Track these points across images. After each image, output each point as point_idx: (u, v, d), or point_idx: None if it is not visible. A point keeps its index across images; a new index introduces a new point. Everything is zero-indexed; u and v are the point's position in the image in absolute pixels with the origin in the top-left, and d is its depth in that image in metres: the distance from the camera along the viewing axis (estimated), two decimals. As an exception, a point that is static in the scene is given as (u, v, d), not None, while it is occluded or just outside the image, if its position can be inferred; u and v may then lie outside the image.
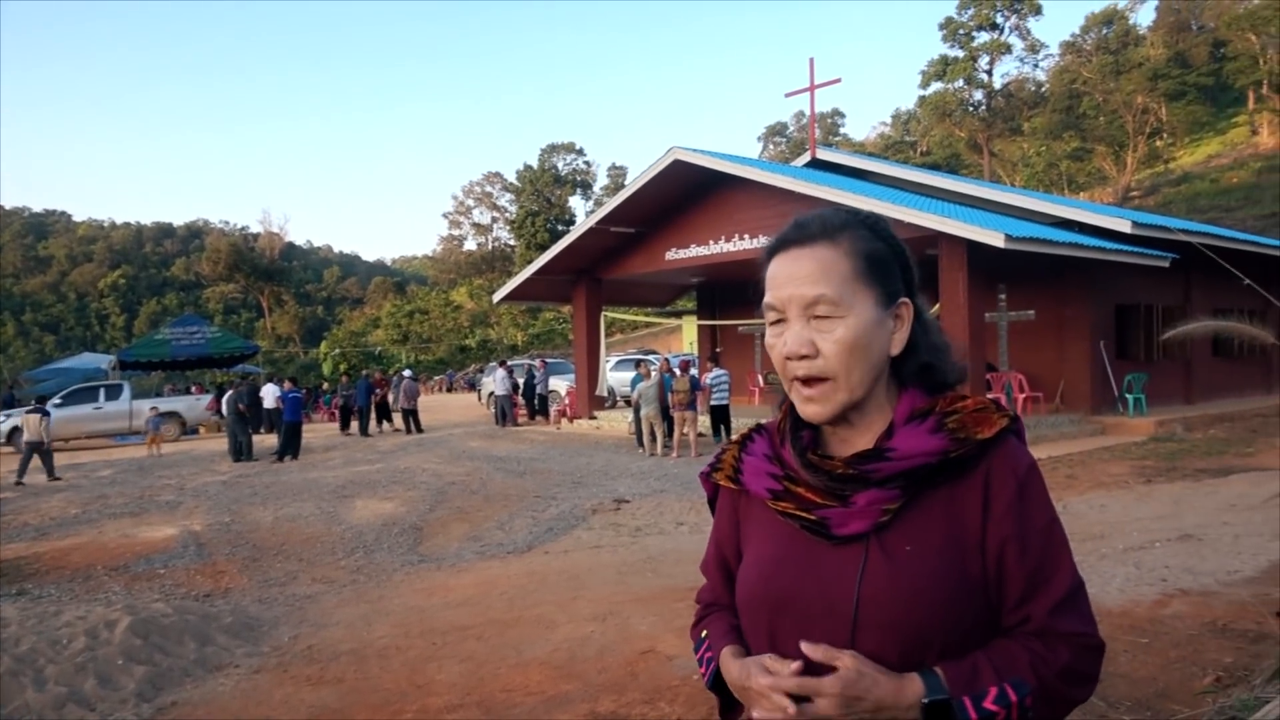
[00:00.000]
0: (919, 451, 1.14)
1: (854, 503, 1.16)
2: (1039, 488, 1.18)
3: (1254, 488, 9.22)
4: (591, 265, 21.09)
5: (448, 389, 48.16)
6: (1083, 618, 1.15)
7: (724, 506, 1.38)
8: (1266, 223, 40.56)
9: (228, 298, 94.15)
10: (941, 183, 20.22)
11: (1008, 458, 1.17)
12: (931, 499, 1.16)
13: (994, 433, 1.16)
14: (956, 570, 1.13)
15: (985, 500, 1.15)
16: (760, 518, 1.28)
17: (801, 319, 1.18)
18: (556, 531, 9.17)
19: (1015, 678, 1.09)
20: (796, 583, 1.18)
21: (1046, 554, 1.15)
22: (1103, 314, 16.64)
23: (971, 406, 1.19)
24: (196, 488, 13.49)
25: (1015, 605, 1.15)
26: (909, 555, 1.13)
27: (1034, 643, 1.13)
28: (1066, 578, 1.15)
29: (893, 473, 1.14)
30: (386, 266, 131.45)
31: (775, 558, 1.22)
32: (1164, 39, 63.70)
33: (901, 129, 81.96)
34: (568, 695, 4.51)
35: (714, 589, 1.40)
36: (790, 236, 1.24)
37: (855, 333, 1.16)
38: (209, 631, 5.88)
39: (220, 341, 28.19)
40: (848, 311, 1.17)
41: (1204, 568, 6.14)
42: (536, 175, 74.63)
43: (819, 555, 1.18)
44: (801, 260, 1.20)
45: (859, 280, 1.18)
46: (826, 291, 1.17)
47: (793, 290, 1.19)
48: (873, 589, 1.13)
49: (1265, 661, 3.77)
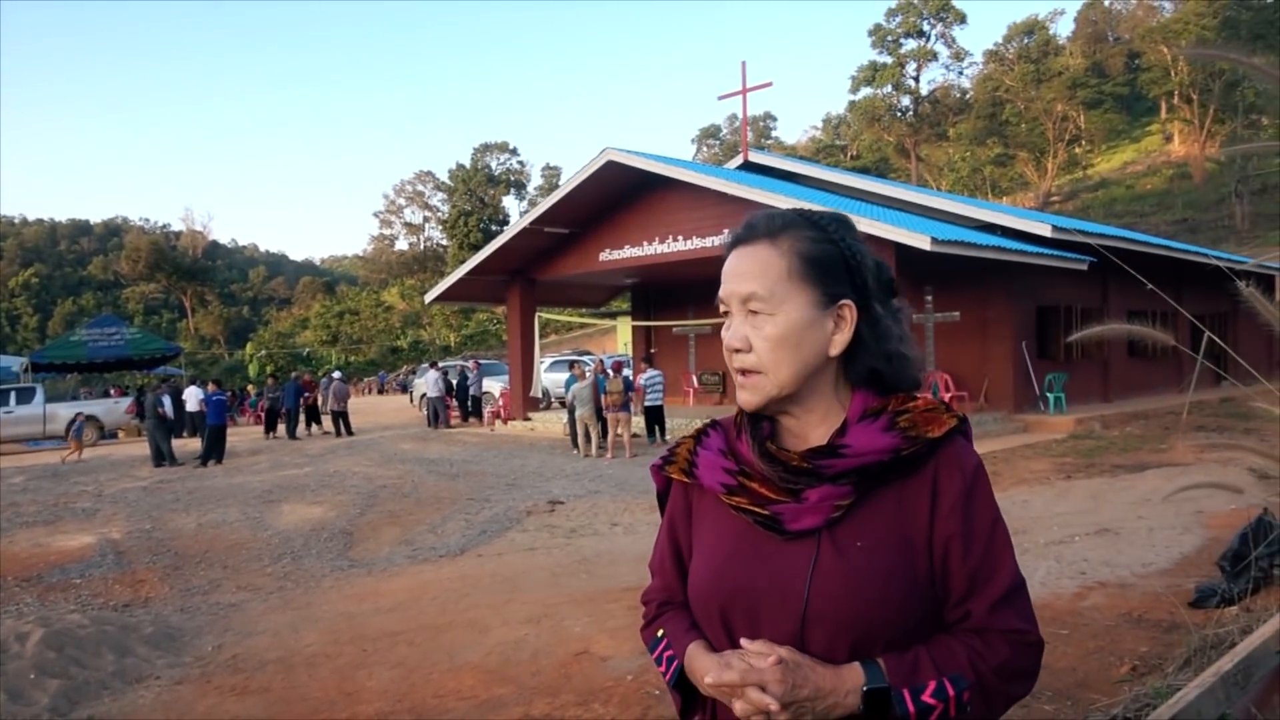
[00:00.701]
0: (872, 449, 1.17)
1: (806, 498, 1.18)
2: (984, 487, 1.21)
3: (1167, 483, 9.58)
4: (525, 266, 20.98)
5: (379, 391, 47.45)
6: (1021, 615, 1.18)
7: (675, 500, 1.38)
8: (1178, 228, 42.27)
9: (148, 298, 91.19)
10: (871, 186, 20.60)
11: (956, 457, 1.20)
12: (882, 496, 1.18)
13: (943, 432, 1.19)
14: (905, 566, 1.16)
15: (933, 498, 1.18)
16: (712, 512, 1.29)
17: (741, 314, 1.23)
18: (490, 534, 9.09)
19: (954, 673, 1.12)
20: (748, 577, 1.20)
21: (989, 552, 1.18)
22: (1024, 315, 17.11)
23: (922, 406, 1.21)
24: (115, 494, 13.05)
25: (957, 602, 1.17)
26: (860, 551, 1.15)
27: (973, 639, 1.15)
28: (1007, 576, 1.18)
29: (846, 469, 1.17)
30: (315, 266, 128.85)
31: (727, 552, 1.24)
32: (1082, 49, 66.00)
33: (832, 133, 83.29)
34: (501, 699, 4.48)
35: (666, 586, 1.39)
36: (739, 234, 1.28)
37: (783, 330, 1.19)
38: (128, 642, 5.69)
39: (140, 343, 27.34)
40: (777, 309, 1.19)
41: (1120, 560, 6.36)
42: (469, 175, 73.99)
43: (771, 550, 1.19)
44: (744, 258, 1.24)
45: (793, 279, 1.20)
46: (758, 289, 1.20)
47: (734, 286, 1.24)
48: (823, 584, 1.15)
49: (1178, 650, 3.92)
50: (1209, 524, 7.26)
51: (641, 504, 10.20)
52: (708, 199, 16.64)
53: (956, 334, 17.33)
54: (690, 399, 22.44)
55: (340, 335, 59.99)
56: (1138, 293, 18.53)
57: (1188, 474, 10.04)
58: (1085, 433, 14.59)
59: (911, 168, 62.35)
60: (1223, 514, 7.31)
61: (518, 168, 78.23)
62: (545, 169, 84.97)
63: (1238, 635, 3.36)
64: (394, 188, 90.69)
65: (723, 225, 16.60)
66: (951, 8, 62.02)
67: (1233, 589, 4.66)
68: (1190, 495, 7.44)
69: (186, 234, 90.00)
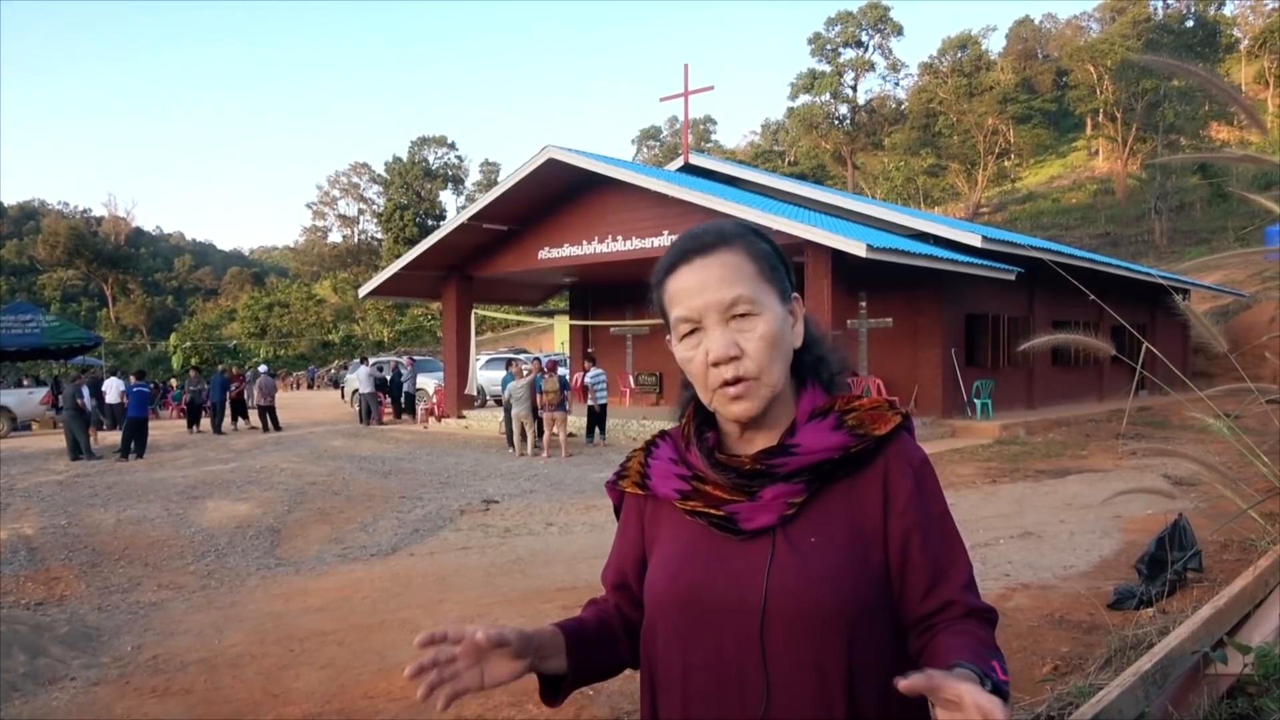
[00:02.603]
0: (822, 447, 1.19)
1: (760, 497, 1.19)
2: (933, 479, 1.25)
3: (1088, 488, 9.91)
4: (462, 262, 20.77)
5: (309, 385, 46.52)
6: (979, 595, 1.23)
7: (629, 514, 1.38)
8: (1100, 241, 43.70)
9: (66, 284, 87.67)
10: (808, 192, 20.86)
11: (903, 452, 1.23)
12: (832, 492, 1.21)
13: (890, 429, 1.22)
14: (859, 559, 1.18)
15: (885, 493, 1.21)
16: (668, 520, 1.29)
17: (720, 324, 1.19)
18: (423, 533, 8.98)
19: (990, 651, 1.12)
20: (706, 578, 1.21)
21: (946, 541, 1.22)
22: (954, 323, 17.52)
23: (868, 405, 1.25)
24: (28, 488, 12.54)
25: (927, 592, 1.19)
26: (814, 546, 1.17)
27: (970, 623, 1.18)
28: (965, 562, 1.23)
29: (798, 467, 1.19)
30: (244, 256, 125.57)
31: (683, 555, 1.24)
32: (1013, 65, 67.88)
33: (771, 139, 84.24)
34: (433, 700, 4.42)
35: (613, 591, 1.40)
36: (690, 248, 1.24)
37: (773, 327, 1.20)
38: (40, 642, 5.48)
39: (57, 331, 26.28)
40: (763, 308, 1.20)
41: (1043, 563, 6.55)
42: (406, 168, 73.02)
43: (727, 551, 1.20)
44: (710, 267, 1.21)
45: (762, 279, 1.22)
46: (743, 291, 1.19)
47: (709, 297, 1.19)
48: (780, 580, 1.16)
49: (1098, 650, 4.04)
50: (1126, 529, 7.52)
51: (577, 504, 10.18)
52: (648, 200, 16.68)
53: (889, 340, 17.66)
54: (627, 399, 22.46)
55: (269, 328, 58.68)
56: (1062, 302, 19.17)
57: (1107, 480, 10.40)
58: (1010, 438, 14.99)
59: (848, 175, 63.41)
60: (1139, 519, 7.58)
61: (456, 162, 77.49)
62: (484, 165, 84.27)
63: (1155, 636, 3.48)
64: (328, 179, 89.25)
65: (662, 226, 16.67)
66: (889, 20, 63.35)
67: (1150, 591, 4.83)
68: (1110, 501, 7.70)
69: (109, 219, 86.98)
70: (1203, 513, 5.73)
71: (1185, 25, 57.22)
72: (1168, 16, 59.03)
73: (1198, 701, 2.77)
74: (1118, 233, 46.87)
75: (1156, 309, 21.29)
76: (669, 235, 16.77)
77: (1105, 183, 56.83)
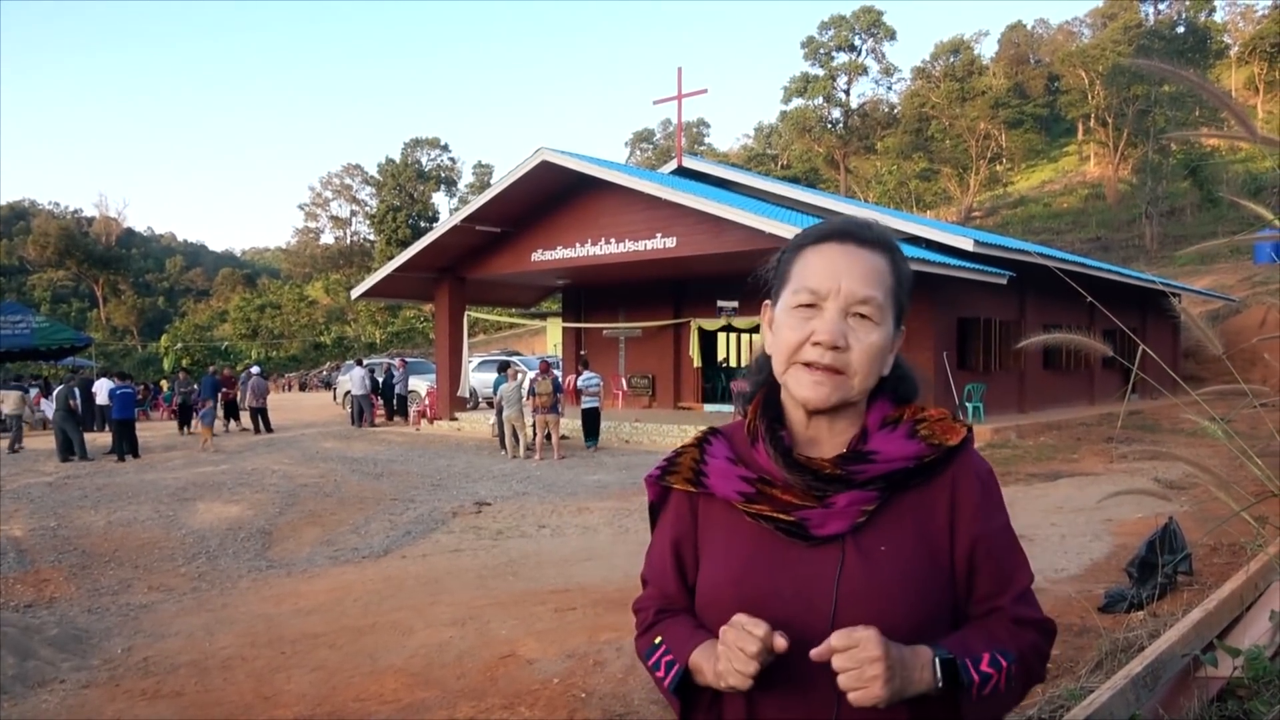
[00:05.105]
0: (900, 455, 1.21)
1: (833, 503, 1.20)
2: (998, 491, 1.28)
3: (1079, 491, 9.93)
4: (455, 264, 20.74)
5: (301, 387, 46.40)
6: (1039, 606, 1.28)
7: (679, 510, 1.34)
8: (1091, 245, 43.85)
9: (57, 285, 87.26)
10: (801, 196, 20.88)
11: (970, 464, 1.26)
12: (902, 501, 1.22)
13: (959, 440, 1.24)
14: (926, 568, 1.21)
15: (952, 502, 1.23)
16: (723, 521, 1.28)
17: (840, 313, 1.21)
18: (415, 535, 8.96)
19: (1001, 647, 1.19)
20: (771, 583, 1.21)
21: (1009, 551, 1.26)
22: (945, 326, 17.54)
23: (936, 416, 1.27)
24: (18, 490, 12.48)
25: (984, 597, 1.24)
26: (884, 555, 1.19)
27: (1007, 624, 1.23)
28: (1026, 572, 1.27)
29: (875, 474, 1.20)
30: (236, 258, 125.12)
31: (746, 560, 1.24)
32: (1005, 70, 68.13)
33: (764, 142, 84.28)
34: (424, 703, 4.41)
35: (663, 595, 1.36)
36: (850, 230, 1.26)
37: (881, 342, 1.22)
38: (30, 645, 5.45)
39: (47, 332, 26.15)
40: (883, 320, 1.22)
41: (1034, 566, 6.53)
42: (399, 169, 72.79)
43: (794, 556, 1.21)
44: (862, 258, 1.23)
45: (891, 296, 1.24)
46: (877, 296, 1.21)
47: (847, 283, 1.21)
48: (851, 587, 1.18)
49: (1089, 654, 4.05)
50: (1116, 532, 7.54)
51: (569, 506, 10.17)
52: (641, 202, 16.68)
53: (881, 343, 17.64)
54: (620, 401, 22.43)
55: (261, 329, 58.47)
56: (1053, 307, 19.22)
57: (1098, 483, 10.43)
58: (1002, 442, 15.02)
59: (840, 179, 63.50)
60: (1130, 522, 7.61)
61: (449, 164, 77.25)
62: (477, 166, 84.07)
63: (1146, 639, 3.49)
64: (320, 180, 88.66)
65: (655, 229, 16.67)
66: (882, 24, 63.45)
67: (1140, 594, 4.84)
68: (1101, 504, 7.73)
69: (100, 220, 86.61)
70: (1193, 516, 5.76)
71: (1176, 31, 57.43)
72: (1159, 22, 59.30)
73: (1188, 704, 2.78)
74: (1109, 237, 47.04)
75: (1147, 313, 21.37)
76: (662, 238, 16.78)
77: (1096, 187, 57.05)
